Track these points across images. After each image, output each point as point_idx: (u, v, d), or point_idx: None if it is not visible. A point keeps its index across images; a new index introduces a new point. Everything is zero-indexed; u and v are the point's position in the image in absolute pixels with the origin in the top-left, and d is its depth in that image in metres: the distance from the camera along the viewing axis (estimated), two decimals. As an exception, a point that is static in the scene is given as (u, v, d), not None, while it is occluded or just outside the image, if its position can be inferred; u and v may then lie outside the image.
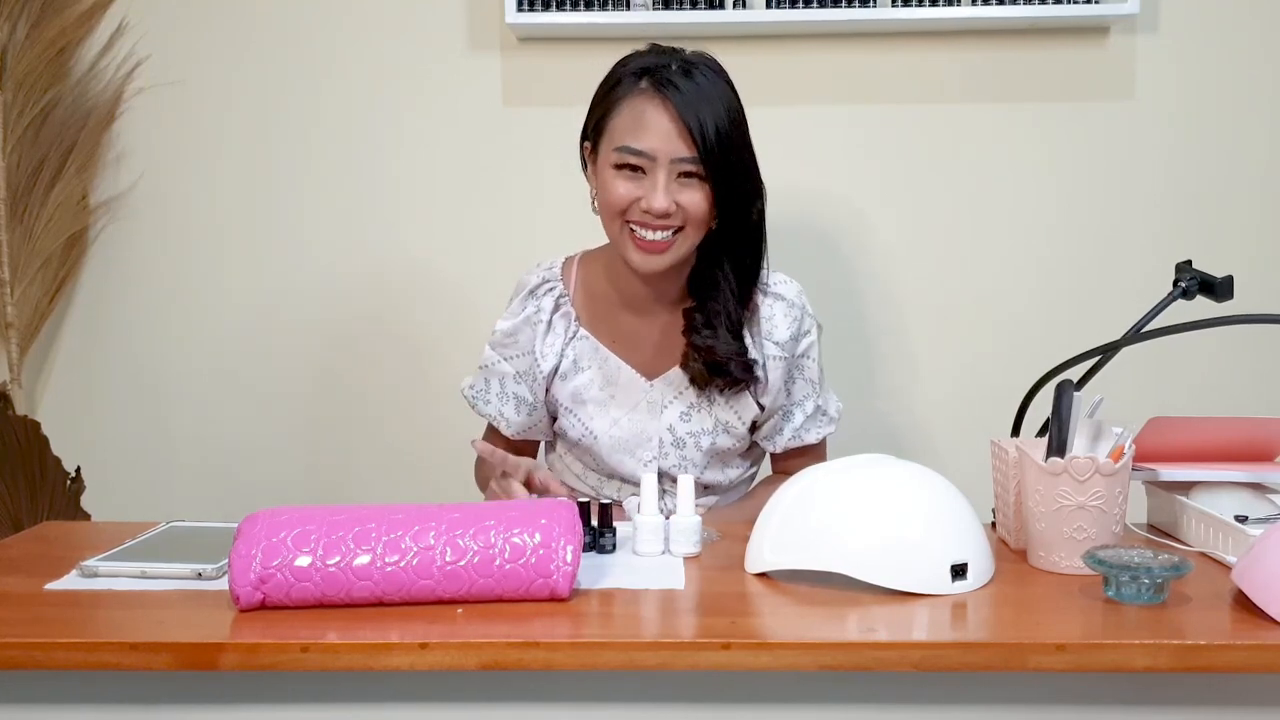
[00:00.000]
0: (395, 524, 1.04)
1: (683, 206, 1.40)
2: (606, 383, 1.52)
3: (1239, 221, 2.15)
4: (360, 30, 2.18)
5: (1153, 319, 1.39)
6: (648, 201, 1.38)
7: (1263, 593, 0.99)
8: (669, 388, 1.51)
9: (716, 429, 1.51)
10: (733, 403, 1.51)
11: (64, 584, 1.11)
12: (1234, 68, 2.13)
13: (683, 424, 1.51)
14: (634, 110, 1.40)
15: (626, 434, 1.52)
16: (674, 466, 1.51)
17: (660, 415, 1.51)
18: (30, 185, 2.15)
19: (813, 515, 1.11)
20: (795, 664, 0.95)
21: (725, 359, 1.45)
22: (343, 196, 2.21)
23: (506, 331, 1.55)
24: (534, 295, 1.55)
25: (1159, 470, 1.27)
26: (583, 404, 1.52)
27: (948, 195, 2.17)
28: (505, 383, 1.56)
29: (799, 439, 1.55)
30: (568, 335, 1.53)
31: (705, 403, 1.50)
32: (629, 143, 1.39)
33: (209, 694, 1.00)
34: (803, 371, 1.54)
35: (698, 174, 1.39)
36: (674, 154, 1.38)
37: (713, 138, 1.37)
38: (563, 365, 1.53)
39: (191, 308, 2.24)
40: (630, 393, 1.52)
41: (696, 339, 1.47)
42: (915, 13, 2.04)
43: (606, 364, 1.52)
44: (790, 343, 1.52)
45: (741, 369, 1.47)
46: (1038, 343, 2.15)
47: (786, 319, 1.51)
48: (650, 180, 1.39)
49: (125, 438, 2.26)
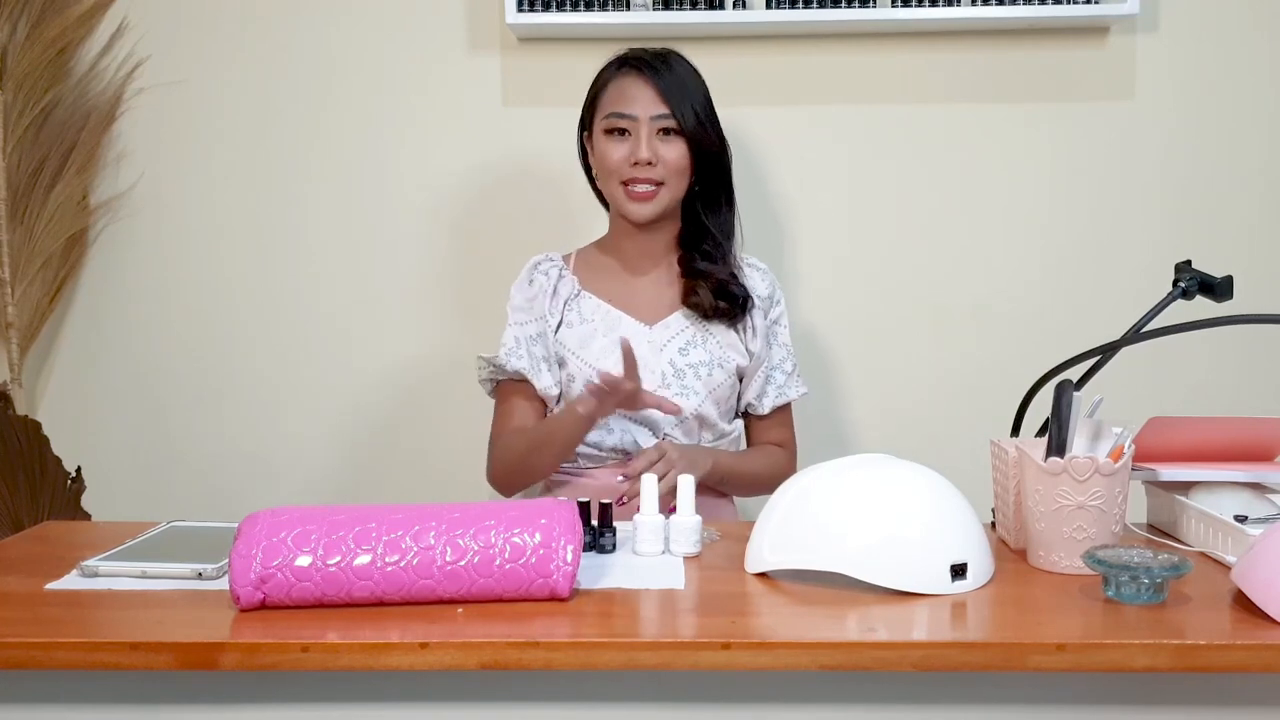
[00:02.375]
0: (395, 524, 1.04)
1: (663, 159, 1.64)
2: (609, 329, 1.69)
3: (1239, 221, 2.15)
4: (360, 30, 2.18)
5: (1152, 319, 1.39)
6: (634, 154, 1.63)
7: (1263, 593, 0.99)
8: (666, 330, 1.70)
9: (712, 362, 1.68)
10: (725, 344, 1.70)
11: (64, 584, 1.11)
12: (1234, 68, 2.13)
13: (682, 357, 1.68)
14: (618, 86, 1.67)
15: None
16: (676, 395, 1.65)
17: (660, 352, 1.68)
18: (30, 185, 2.15)
19: (812, 515, 1.11)
20: (795, 664, 0.95)
21: (725, 279, 1.69)
22: (342, 196, 2.21)
23: (523, 297, 1.73)
24: (538, 268, 1.74)
25: (1159, 470, 1.27)
26: (587, 348, 1.68)
27: (948, 195, 2.17)
28: (533, 342, 1.72)
29: (784, 396, 1.76)
30: (571, 294, 1.72)
31: (701, 340, 1.69)
32: (615, 109, 1.66)
33: (209, 694, 1.00)
34: (777, 337, 1.76)
35: (674, 129, 1.64)
36: (653, 112, 1.64)
37: (684, 97, 1.65)
38: (567, 317, 1.71)
39: (191, 307, 2.24)
40: (631, 337, 1.63)
41: (696, 267, 1.70)
42: (915, 13, 2.04)
43: (608, 316, 1.70)
44: (768, 300, 1.75)
45: (740, 288, 1.70)
46: (1037, 343, 2.15)
47: (763, 282, 1.76)
48: (635, 138, 1.64)
49: (125, 438, 2.26)
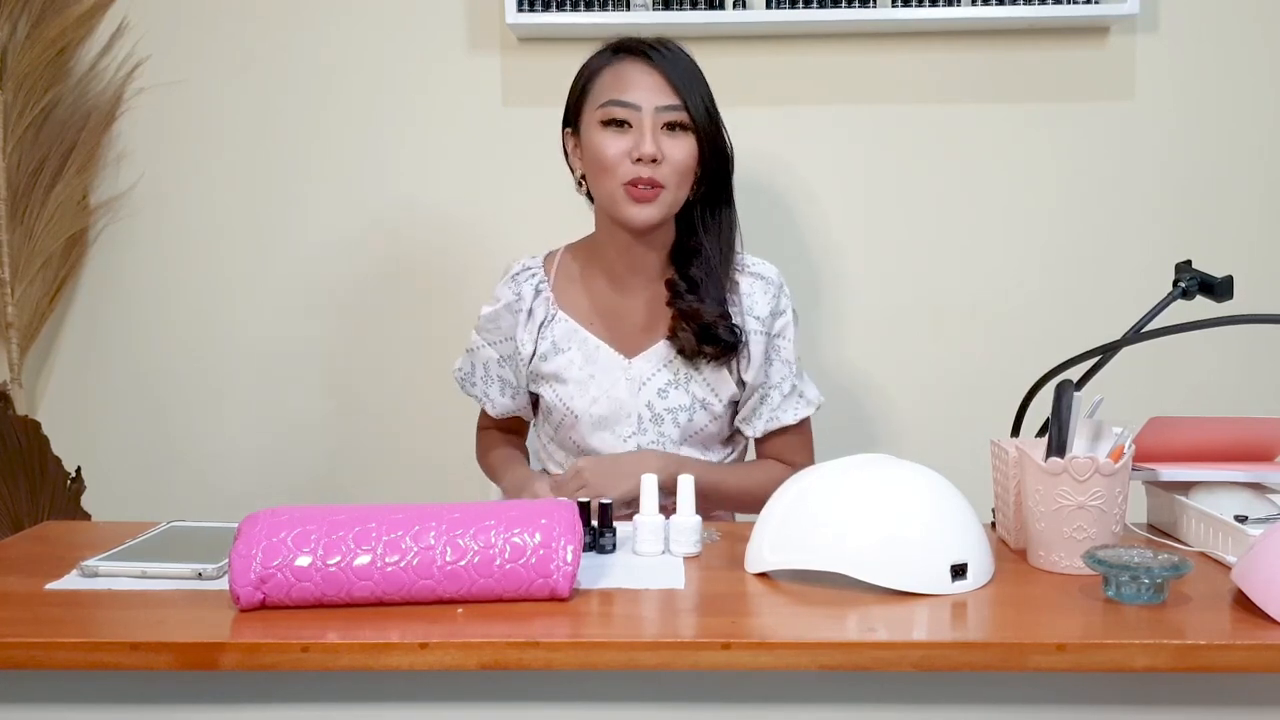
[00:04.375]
0: (395, 524, 1.04)
1: (668, 157, 1.44)
2: (586, 362, 1.54)
3: (1238, 221, 2.15)
4: (360, 30, 2.18)
5: (1152, 319, 1.39)
6: (638, 149, 1.43)
7: (1263, 593, 0.99)
8: (647, 365, 1.53)
9: (694, 405, 1.52)
10: (711, 381, 1.53)
11: (64, 584, 1.11)
12: (1234, 68, 2.13)
13: (660, 400, 1.52)
14: (615, 72, 1.47)
15: (605, 411, 1.54)
16: (652, 443, 1.53)
17: (638, 392, 1.53)
18: (30, 185, 2.15)
19: (812, 515, 1.11)
20: (795, 664, 0.95)
21: (712, 321, 1.48)
22: (342, 196, 2.21)
23: (489, 317, 1.59)
24: (515, 280, 1.59)
25: (1159, 470, 1.27)
26: (563, 383, 1.55)
27: (948, 195, 2.17)
28: (490, 366, 1.61)
29: (776, 420, 1.56)
30: (546, 318, 1.56)
31: (683, 380, 1.53)
32: (614, 96, 1.45)
33: (209, 694, 1.00)
34: (779, 353, 1.56)
35: (681, 123, 1.45)
36: (659, 102, 1.44)
37: (693, 88, 1.46)
38: (541, 348, 1.56)
39: (191, 307, 2.24)
40: (609, 370, 1.54)
41: (682, 304, 1.50)
42: (915, 13, 2.04)
43: (585, 344, 1.55)
44: (769, 318, 1.54)
45: (728, 332, 1.49)
46: (1037, 343, 2.15)
47: (765, 295, 1.54)
48: (637, 131, 1.44)
49: (125, 438, 2.26)
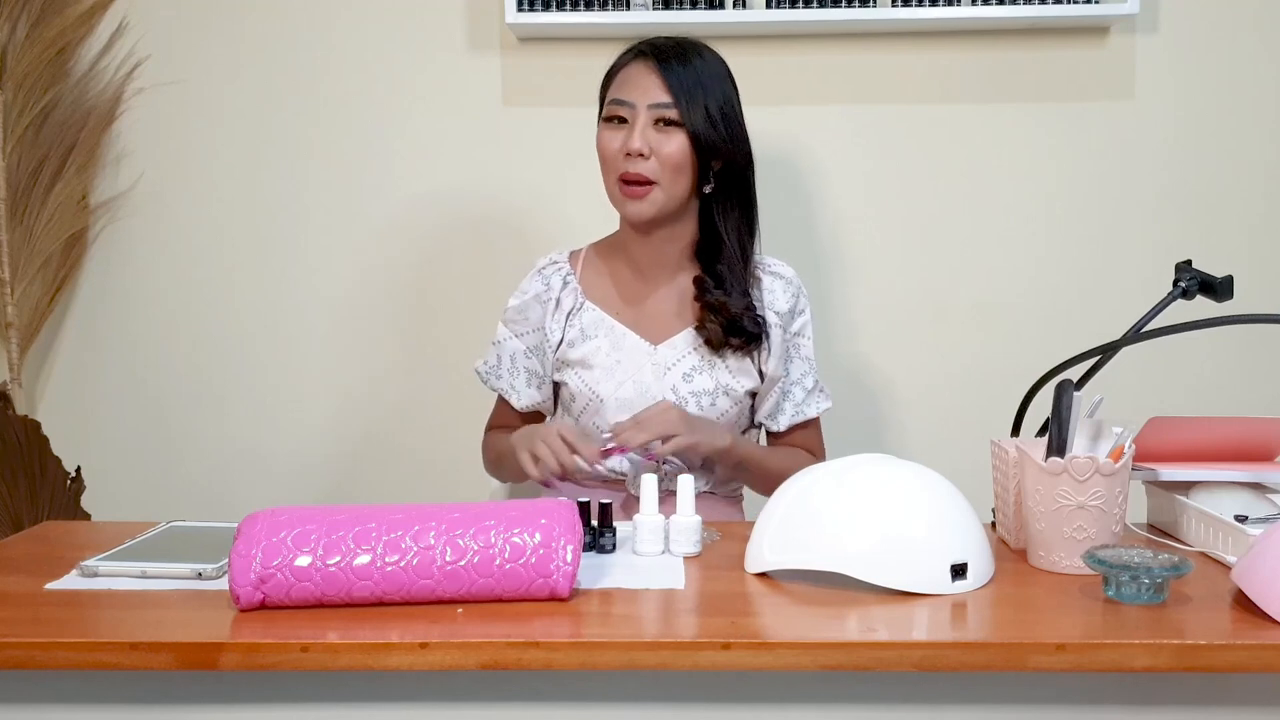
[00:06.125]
0: (395, 524, 1.04)
1: (658, 152, 1.50)
2: (613, 348, 1.59)
3: (1239, 221, 2.15)
4: (360, 30, 2.18)
5: (1152, 319, 1.39)
6: (626, 144, 1.50)
7: (1263, 593, 0.99)
8: (673, 351, 1.58)
9: (717, 390, 1.56)
10: (734, 369, 1.58)
11: (64, 584, 1.11)
12: (1234, 68, 2.13)
13: (685, 384, 1.56)
14: (625, 73, 1.56)
15: (631, 395, 1.56)
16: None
17: (664, 377, 1.57)
18: (30, 185, 2.15)
19: (812, 515, 1.11)
20: (795, 664, 0.95)
21: (738, 314, 1.55)
22: (342, 196, 2.21)
23: (517, 308, 1.64)
24: (542, 273, 1.64)
25: (1159, 470, 1.27)
26: (590, 369, 1.59)
27: (948, 195, 2.17)
28: (516, 358, 1.65)
29: (801, 414, 1.62)
30: (574, 307, 1.61)
31: (708, 366, 1.57)
32: (616, 95, 1.54)
33: (209, 694, 1.00)
34: (799, 350, 1.63)
35: (674, 120, 1.50)
36: (650, 100, 1.51)
37: (692, 88, 1.50)
38: (569, 335, 1.61)
39: (191, 307, 2.24)
40: (635, 357, 1.58)
41: (709, 298, 1.56)
42: (915, 13, 2.04)
43: (613, 332, 1.60)
44: (788, 315, 1.61)
45: (753, 323, 1.56)
46: (1037, 343, 2.15)
47: (785, 293, 1.61)
48: (631, 127, 1.51)
49: (125, 438, 2.26)
